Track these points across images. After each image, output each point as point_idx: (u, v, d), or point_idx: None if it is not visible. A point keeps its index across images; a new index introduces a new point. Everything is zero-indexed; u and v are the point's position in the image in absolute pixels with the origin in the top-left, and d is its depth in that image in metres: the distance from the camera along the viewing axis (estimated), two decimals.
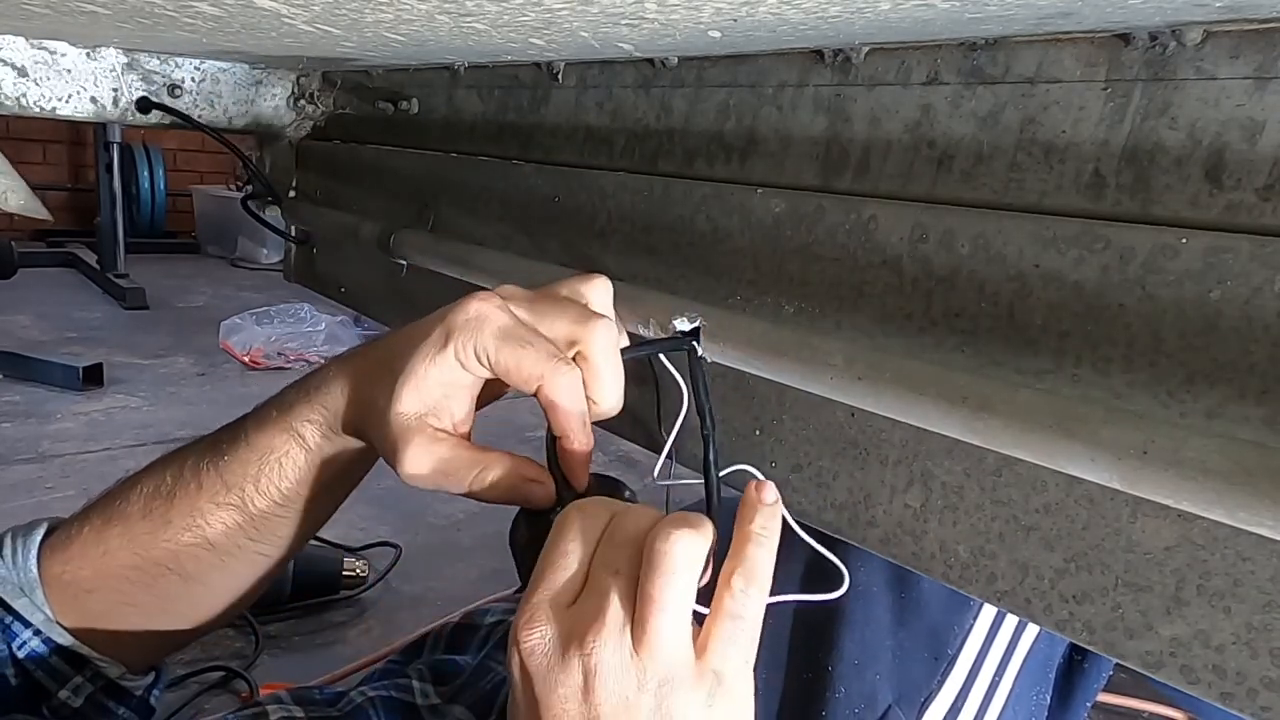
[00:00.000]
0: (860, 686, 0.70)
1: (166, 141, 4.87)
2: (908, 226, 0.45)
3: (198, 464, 0.52)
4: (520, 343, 0.43)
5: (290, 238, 1.16)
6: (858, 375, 0.44)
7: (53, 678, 0.51)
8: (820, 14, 0.40)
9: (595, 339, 0.44)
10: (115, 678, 0.54)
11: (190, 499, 0.51)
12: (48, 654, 0.51)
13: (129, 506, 0.52)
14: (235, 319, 3.11)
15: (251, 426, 0.52)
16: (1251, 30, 0.35)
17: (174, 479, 0.52)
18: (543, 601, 0.37)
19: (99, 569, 0.51)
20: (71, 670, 0.52)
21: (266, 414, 0.52)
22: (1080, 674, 0.78)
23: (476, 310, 0.44)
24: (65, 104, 0.90)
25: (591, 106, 0.69)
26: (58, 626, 0.51)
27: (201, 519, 0.51)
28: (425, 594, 1.66)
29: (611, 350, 0.45)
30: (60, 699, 0.51)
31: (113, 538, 0.51)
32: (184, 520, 0.51)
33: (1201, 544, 0.35)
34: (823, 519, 0.51)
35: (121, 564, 0.51)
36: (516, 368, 0.42)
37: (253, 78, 1.04)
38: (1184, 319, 0.35)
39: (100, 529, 0.52)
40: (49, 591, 0.51)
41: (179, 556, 0.51)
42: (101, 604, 0.52)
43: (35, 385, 2.57)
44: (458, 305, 0.44)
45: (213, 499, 0.51)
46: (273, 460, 0.50)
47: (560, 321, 0.45)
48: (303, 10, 0.50)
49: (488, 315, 0.43)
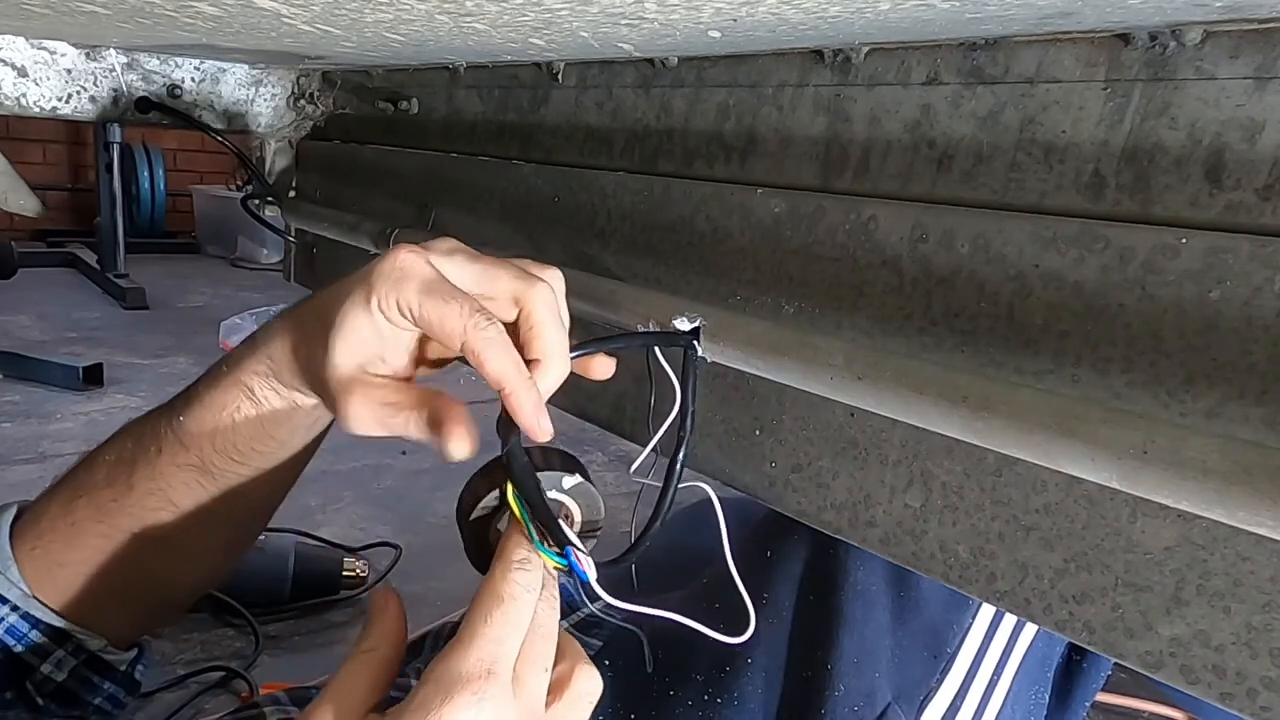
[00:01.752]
0: (859, 685, 0.69)
1: (166, 141, 4.87)
2: (908, 226, 0.45)
3: (156, 427, 0.51)
4: (444, 297, 0.41)
5: (290, 238, 1.16)
6: (858, 375, 0.44)
7: (34, 652, 0.51)
8: (820, 14, 0.40)
9: (537, 295, 0.43)
10: (97, 650, 0.53)
11: (151, 463, 0.51)
12: (27, 629, 0.51)
13: (93, 476, 0.52)
14: (235, 319, 3.11)
15: (203, 385, 0.51)
16: (1251, 30, 0.35)
17: (134, 444, 0.52)
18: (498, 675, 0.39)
19: (69, 540, 0.51)
20: (52, 644, 0.51)
21: (217, 371, 0.51)
22: (1079, 673, 0.78)
23: (401, 262, 0.42)
24: (65, 104, 0.90)
25: (591, 106, 0.69)
26: (35, 601, 0.51)
27: (164, 482, 0.51)
28: (425, 594, 1.66)
29: (555, 308, 0.44)
30: (43, 673, 0.51)
31: (79, 508, 0.51)
32: (146, 484, 0.51)
33: (1201, 544, 0.35)
34: (823, 519, 0.51)
35: (90, 534, 0.51)
36: (439, 322, 0.41)
37: (253, 78, 1.04)
38: (1184, 319, 0.35)
39: (67, 502, 0.52)
40: (23, 569, 0.51)
41: (144, 521, 0.51)
42: (76, 576, 0.51)
43: (35, 385, 2.57)
44: (385, 255, 0.43)
45: (172, 460, 0.50)
46: (225, 416, 0.50)
47: (502, 278, 0.44)
48: (303, 10, 0.50)
49: (410, 267, 0.42)
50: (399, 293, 0.41)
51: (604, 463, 2.31)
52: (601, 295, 0.55)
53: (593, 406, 0.65)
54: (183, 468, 0.50)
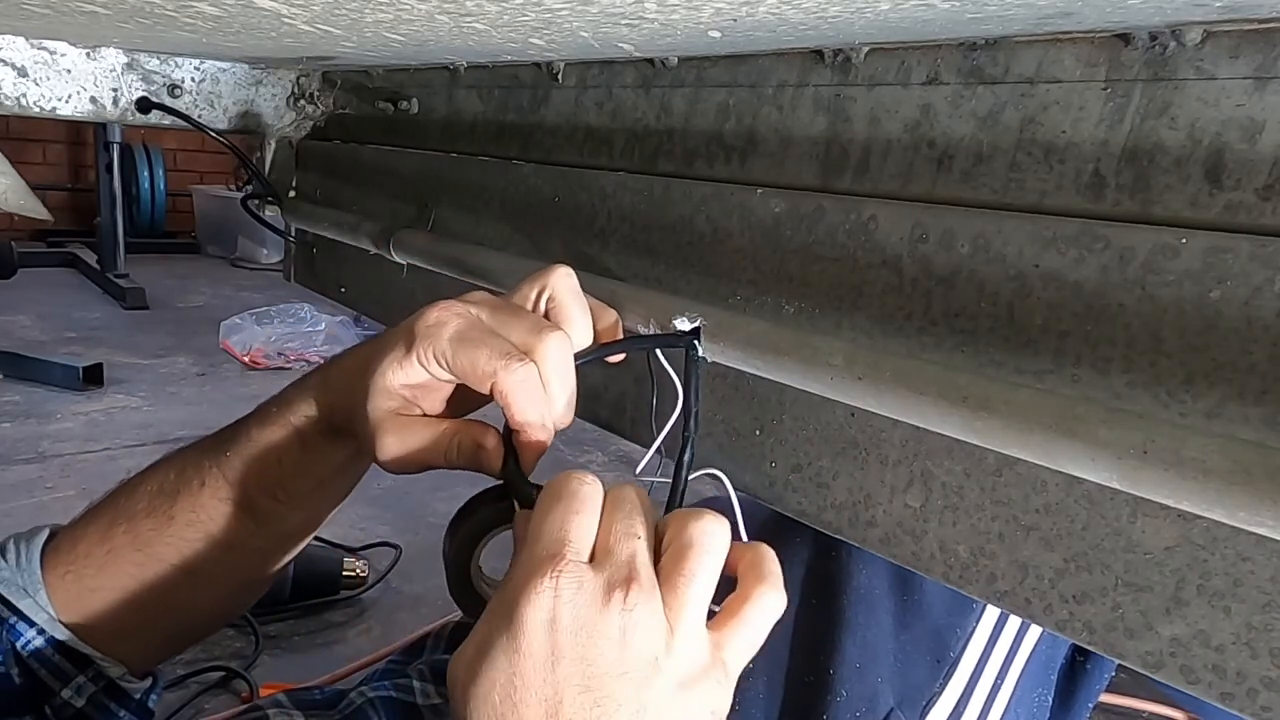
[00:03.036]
0: (862, 689, 0.69)
1: (166, 141, 4.87)
2: (908, 226, 0.45)
3: (200, 461, 0.53)
4: (474, 343, 0.44)
5: (290, 238, 1.16)
6: (858, 375, 0.44)
7: (56, 676, 0.52)
8: (820, 14, 0.40)
9: (547, 351, 0.44)
10: (116, 678, 0.54)
11: (194, 495, 0.52)
12: (51, 653, 0.52)
13: (134, 505, 0.53)
14: (235, 319, 3.11)
15: (254, 424, 0.53)
16: (1251, 30, 0.35)
17: (178, 477, 0.53)
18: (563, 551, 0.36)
19: (104, 566, 0.52)
20: (74, 669, 0.52)
21: (267, 411, 0.53)
22: (1082, 675, 0.78)
23: (436, 317, 0.45)
24: (65, 104, 0.90)
25: (591, 106, 0.69)
26: (61, 626, 0.52)
27: (204, 514, 0.52)
28: (425, 594, 1.66)
29: (562, 362, 0.45)
30: (63, 698, 0.52)
31: (118, 535, 0.53)
32: (187, 516, 0.52)
33: (1201, 544, 0.35)
34: (823, 519, 0.51)
35: (126, 561, 0.52)
36: (471, 366, 0.43)
37: (253, 78, 1.04)
38: (1184, 319, 0.35)
39: (106, 528, 0.53)
40: (52, 594, 0.52)
41: (183, 552, 0.53)
42: (105, 602, 0.53)
43: (35, 385, 2.57)
44: (420, 313, 0.46)
45: (216, 494, 0.52)
46: (272, 456, 0.52)
47: (516, 331, 0.45)
48: (303, 10, 0.50)
49: (445, 320, 0.45)
50: (434, 344, 0.44)
51: (604, 463, 2.31)
52: (601, 295, 0.55)
53: (593, 406, 0.65)
54: (224, 502, 0.53)
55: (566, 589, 0.35)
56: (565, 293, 0.50)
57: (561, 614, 0.35)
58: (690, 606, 0.36)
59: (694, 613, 0.37)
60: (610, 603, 0.35)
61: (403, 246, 0.81)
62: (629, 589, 0.35)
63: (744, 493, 0.56)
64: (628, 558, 0.37)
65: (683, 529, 0.38)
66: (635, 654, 0.35)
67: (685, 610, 0.36)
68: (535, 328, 0.45)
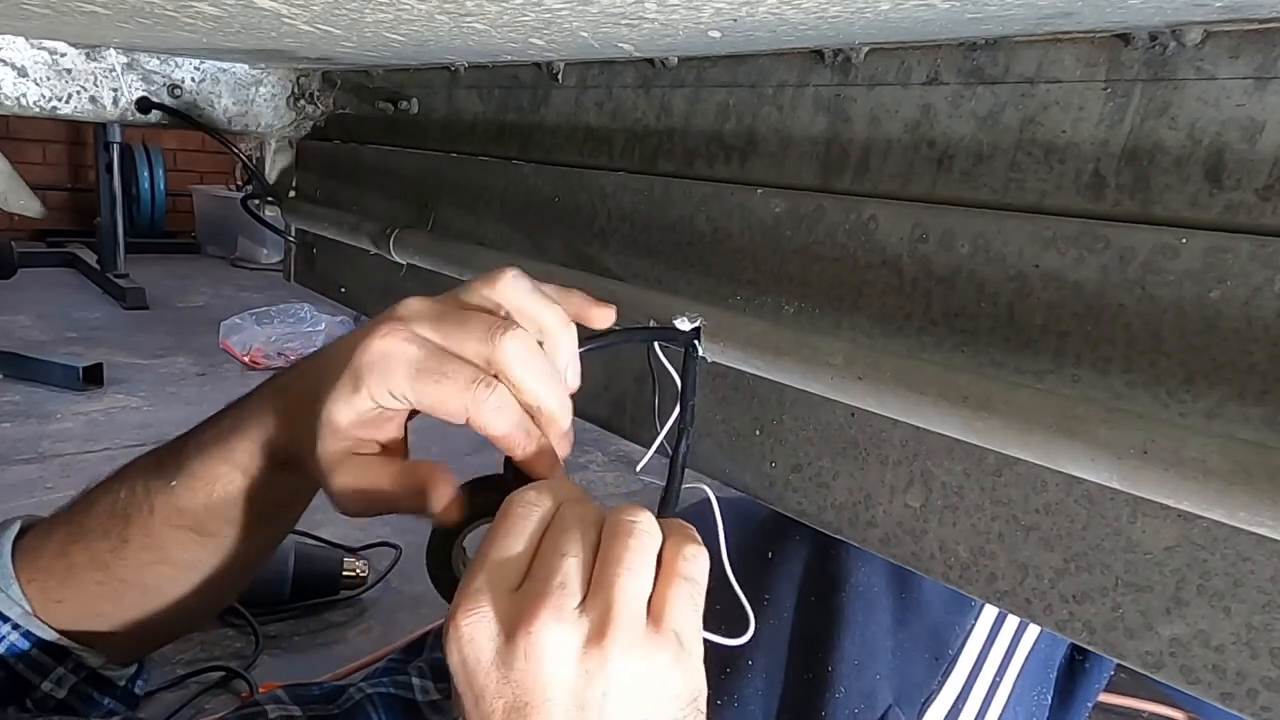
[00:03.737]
0: (860, 687, 0.69)
1: (166, 141, 4.87)
2: (908, 226, 0.45)
3: (148, 485, 0.52)
4: (435, 376, 0.40)
5: (290, 238, 1.16)
6: (858, 375, 0.44)
7: (34, 670, 0.51)
8: (820, 14, 0.40)
9: (506, 355, 0.41)
10: (97, 667, 0.54)
11: (145, 520, 0.51)
12: (28, 647, 0.51)
13: (90, 522, 0.52)
14: (235, 319, 3.11)
15: (193, 453, 0.51)
16: (1251, 30, 0.35)
17: (127, 498, 0.52)
18: (482, 587, 0.36)
19: (65, 581, 0.52)
20: (53, 662, 0.52)
21: (204, 442, 0.51)
22: (1082, 674, 0.78)
23: (381, 350, 0.41)
24: (65, 104, 0.90)
25: (591, 106, 0.69)
26: (36, 620, 0.51)
27: (157, 539, 0.51)
28: (425, 594, 1.65)
29: (531, 360, 0.42)
30: (44, 691, 0.52)
31: (76, 554, 0.52)
32: (141, 540, 0.51)
33: (1201, 544, 0.35)
34: (823, 519, 0.51)
35: (88, 579, 0.52)
36: (441, 404, 0.40)
37: (253, 78, 1.04)
38: (1184, 319, 0.35)
39: (64, 543, 0.52)
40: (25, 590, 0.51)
41: (141, 574, 0.52)
42: (71, 613, 0.52)
43: (35, 385, 2.57)
44: (361, 344, 0.42)
45: (167, 521, 0.51)
46: (218, 488, 0.50)
47: (468, 342, 0.42)
48: (303, 10, 0.50)
49: (394, 353, 0.41)
50: (388, 381, 0.41)
51: (604, 463, 2.31)
52: (601, 295, 0.55)
53: (593, 406, 0.65)
54: (177, 529, 0.51)
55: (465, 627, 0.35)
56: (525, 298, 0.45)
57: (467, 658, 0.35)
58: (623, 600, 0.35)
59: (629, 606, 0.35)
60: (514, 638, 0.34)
61: (403, 246, 0.82)
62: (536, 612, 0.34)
63: (744, 493, 0.56)
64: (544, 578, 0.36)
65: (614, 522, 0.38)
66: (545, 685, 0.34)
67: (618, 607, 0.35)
68: (487, 334, 0.42)
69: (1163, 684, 0.37)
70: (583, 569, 0.36)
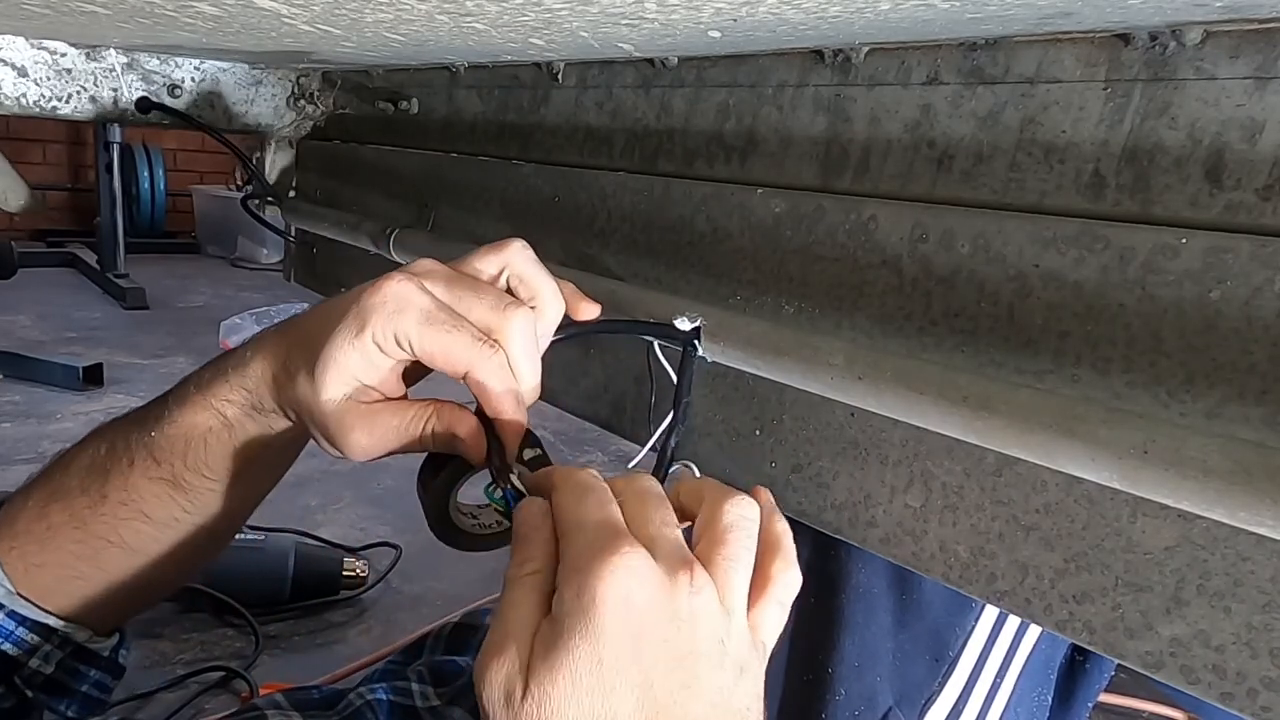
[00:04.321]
0: (861, 688, 0.69)
1: (166, 141, 4.87)
2: (908, 226, 0.45)
3: (128, 438, 0.51)
4: (444, 327, 0.41)
5: (290, 238, 1.16)
6: (858, 375, 0.44)
7: (20, 648, 0.51)
8: (820, 14, 0.40)
9: (513, 333, 0.43)
10: (83, 641, 0.54)
11: (124, 474, 0.51)
12: (13, 626, 0.51)
13: (68, 481, 0.52)
14: (235, 319, 3.11)
15: (174, 404, 0.51)
16: (1251, 30, 0.35)
17: (107, 453, 0.52)
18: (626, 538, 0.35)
19: (45, 543, 0.51)
20: (39, 639, 0.52)
21: (186, 392, 0.51)
22: (1082, 674, 0.78)
23: (395, 292, 0.42)
24: (65, 104, 0.90)
25: (591, 106, 0.69)
26: (19, 598, 0.51)
27: (136, 494, 0.51)
28: (425, 594, 1.66)
29: (530, 343, 0.44)
30: (31, 668, 0.52)
31: (55, 513, 0.51)
32: (119, 495, 0.51)
33: (1201, 544, 0.35)
34: (823, 519, 0.51)
35: (66, 539, 0.51)
36: (444, 354, 0.41)
37: (253, 78, 1.04)
38: (1184, 319, 0.35)
39: (43, 504, 0.52)
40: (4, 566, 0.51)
41: (119, 530, 0.51)
42: (51, 578, 0.52)
43: (35, 385, 2.57)
44: (373, 286, 0.42)
45: (145, 474, 0.51)
46: (197, 438, 0.50)
47: (477, 308, 0.43)
48: (303, 10, 0.50)
49: (407, 298, 0.42)
50: (396, 325, 0.41)
51: (604, 463, 2.31)
52: (601, 295, 0.55)
53: (593, 407, 0.65)
54: (155, 481, 0.51)
55: (640, 568, 0.34)
56: (528, 266, 0.47)
57: (635, 593, 0.34)
58: (737, 591, 0.36)
59: (740, 598, 0.36)
60: (677, 585, 0.34)
61: (403, 246, 0.82)
62: (692, 572, 0.35)
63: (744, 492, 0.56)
64: (677, 544, 0.36)
65: (717, 511, 0.38)
66: (706, 637, 0.35)
67: (732, 595, 0.36)
68: (497, 305, 0.43)
69: (1163, 684, 0.37)
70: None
